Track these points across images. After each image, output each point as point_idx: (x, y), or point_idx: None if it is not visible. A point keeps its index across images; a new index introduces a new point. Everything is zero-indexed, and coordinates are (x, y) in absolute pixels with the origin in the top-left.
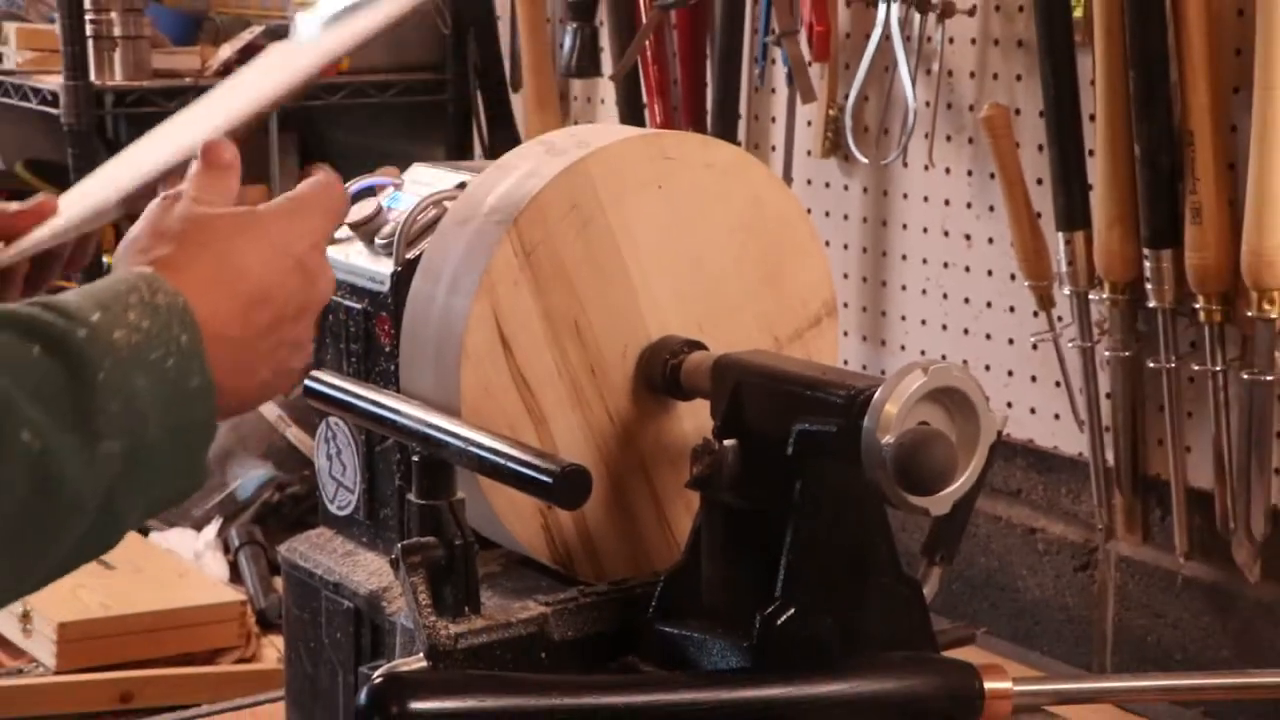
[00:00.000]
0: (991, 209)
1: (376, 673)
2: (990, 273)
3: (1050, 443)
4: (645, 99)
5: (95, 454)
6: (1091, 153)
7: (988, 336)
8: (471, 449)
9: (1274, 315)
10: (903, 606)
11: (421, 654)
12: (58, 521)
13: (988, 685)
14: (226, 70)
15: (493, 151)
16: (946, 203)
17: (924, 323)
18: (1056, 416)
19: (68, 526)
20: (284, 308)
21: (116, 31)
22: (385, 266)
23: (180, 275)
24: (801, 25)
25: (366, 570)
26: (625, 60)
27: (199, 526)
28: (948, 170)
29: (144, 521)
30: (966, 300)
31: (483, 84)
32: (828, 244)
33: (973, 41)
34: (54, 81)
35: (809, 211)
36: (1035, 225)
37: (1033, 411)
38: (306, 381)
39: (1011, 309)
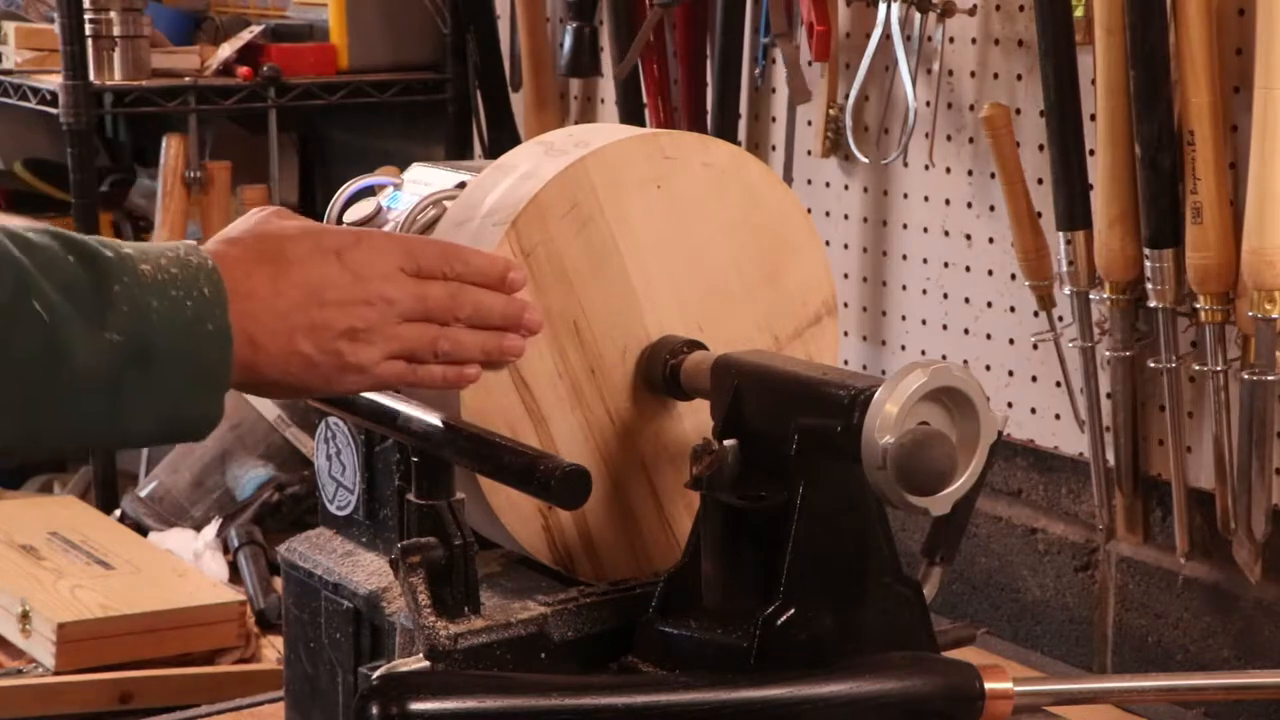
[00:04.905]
0: (992, 209)
1: (376, 673)
2: (990, 272)
3: (1051, 443)
4: (645, 99)
5: (101, 339)
6: (1092, 152)
7: (988, 336)
8: (471, 449)
9: (1275, 315)
10: (903, 606)
11: (421, 654)
12: (59, 391)
13: (988, 685)
14: (226, 70)
15: (493, 151)
16: (947, 202)
17: (924, 323)
18: (1057, 416)
19: (68, 399)
20: (323, 291)
21: (116, 31)
22: None
23: (225, 247)
24: (801, 24)
25: (366, 570)
26: (627, 60)
27: (198, 526)
28: (948, 170)
29: (161, 439)
30: (967, 300)
31: (483, 84)
32: (828, 244)
33: (973, 41)
34: (53, 81)
35: (809, 211)
36: (1035, 225)
37: (1033, 411)
38: None
39: (1012, 309)
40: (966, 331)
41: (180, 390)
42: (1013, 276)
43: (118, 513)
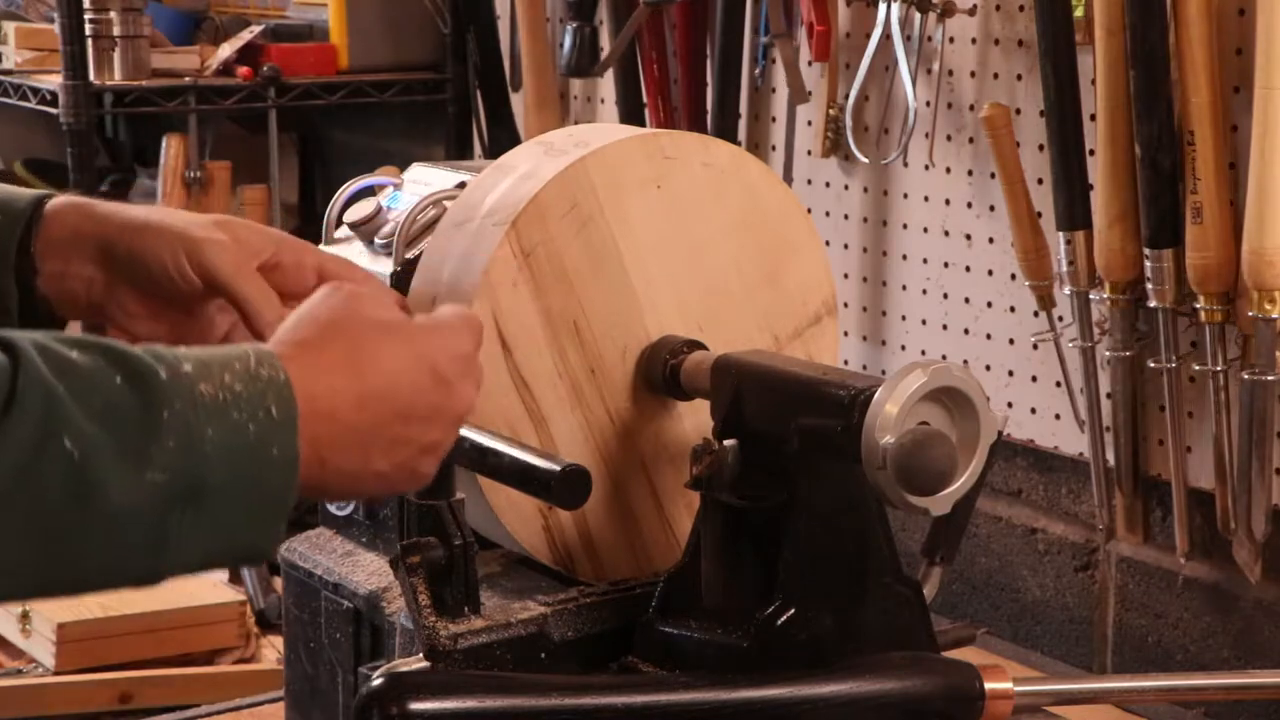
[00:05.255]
0: (992, 209)
1: (376, 673)
2: (990, 272)
3: (1051, 443)
4: (645, 99)
5: (141, 479)
6: (1092, 152)
7: (988, 336)
8: (471, 449)
9: (1275, 315)
10: (903, 606)
11: (421, 654)
12: (91, 531)
13: (988, 685)
14: (226, 70)
15: (493, 151)
16: (947, 202)
17: (924, 323)
18: (1057, 416)
19: (104, 540)
20: (411, 407)
21: (116, 31)
22: (385, 266)
23: (308, 355)
24: (801, 24)
25: (366, 570)
26: (608, 57)
27: None
28: (948, 170)
29: (209, 568)
30: (967, 300)
31: (483, 84)
32: (828, 244)
33: (973, 41)
34: (53, 81)
35: (809, 211)
36: (1035, 225)
37: (1033, 411)
38: None
39: (1012, 309)
40: (966, 331)
41: (235, 524)
42: (1013, 276)
43: None
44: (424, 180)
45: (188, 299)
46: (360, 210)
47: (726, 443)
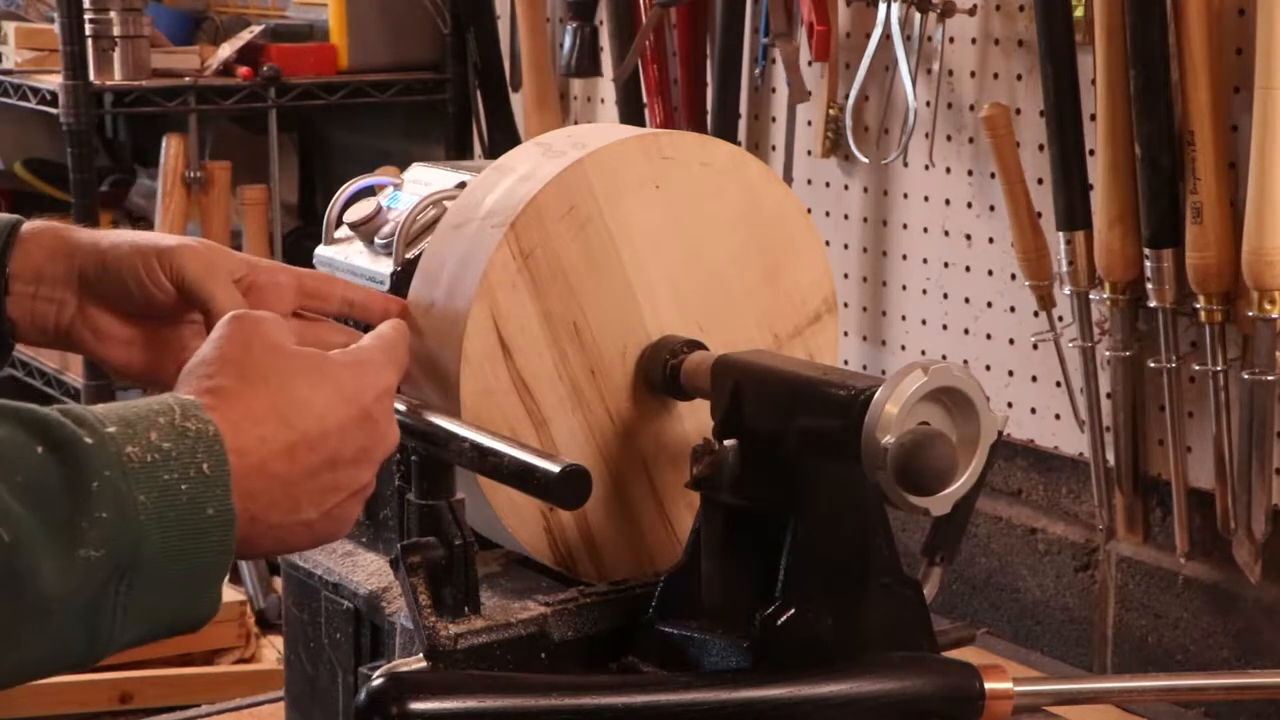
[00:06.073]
0: (992, 209)
1: (376, 673)
2: (990, 272)
3: (1051, 443)
4: (645, 99)
5: (74, 558)
6: (1092, 152)
7: (988, 336)
8: (471, 449)
9: (1275, 315)
10: (903, 606)
11: (421, 654)
12: (25, 621)
13: (988, 685)
14: (226, 70)
15: (492, 151)
16: (947, 202)
17: (924, 323)
18: (1057, 416)
19: (37, 625)
20: (341, 452)
21: (115, 31)
22: (385, 266)
23: (232, 405)
24: (801, 24)
25: (366, 570)
26: (627, 62)
27: None
28: (948, 170)
29: (145, 642)
30: (967, 300)
31: (483, 84)
32: (828, 244)
33: (973, 41)
34: (53, 81)
35: (809, 211)
36: (1035, 225)
37: (1033, 411)
38: None
39: (1012, 309)
40: (966, 331)
41: (173, 593)
42: (1013, 276)
43: None
44: (424, 180)
45: (161, 312)
46: (360, 210)
47: (726, 443)
